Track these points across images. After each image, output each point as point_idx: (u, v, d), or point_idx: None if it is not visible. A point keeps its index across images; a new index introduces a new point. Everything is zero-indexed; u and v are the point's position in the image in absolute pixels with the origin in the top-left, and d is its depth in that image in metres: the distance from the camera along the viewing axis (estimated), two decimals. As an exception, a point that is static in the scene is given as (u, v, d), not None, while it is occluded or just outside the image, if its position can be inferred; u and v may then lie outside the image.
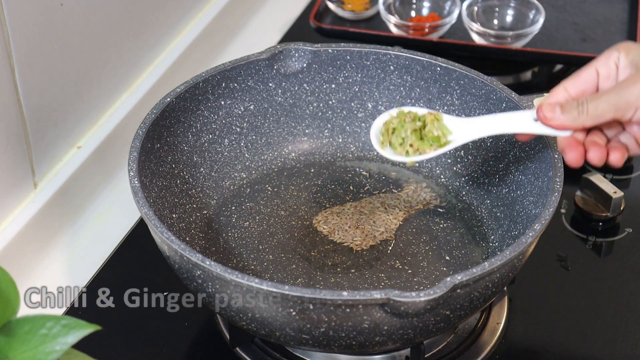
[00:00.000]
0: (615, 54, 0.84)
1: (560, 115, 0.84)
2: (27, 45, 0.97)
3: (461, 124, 0.91)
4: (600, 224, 1.08)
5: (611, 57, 0.84)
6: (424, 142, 0.90)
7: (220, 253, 0.97)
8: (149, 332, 0.96)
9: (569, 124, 0.84)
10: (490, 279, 0.81)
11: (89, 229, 1.09)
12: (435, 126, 0.90)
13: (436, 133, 0.89)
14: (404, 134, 0.90)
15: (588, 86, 0.85)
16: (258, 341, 0.94)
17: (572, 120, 0.83)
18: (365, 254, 0.98)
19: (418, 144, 0.90)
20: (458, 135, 0.90)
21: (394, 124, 0.91)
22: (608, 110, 0.82)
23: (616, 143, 0.86)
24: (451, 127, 0.90)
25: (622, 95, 0.81)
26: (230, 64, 1.03)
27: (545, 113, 0.85)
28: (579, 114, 0.83)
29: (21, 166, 1.02)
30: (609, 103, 0.81)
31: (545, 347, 0.96)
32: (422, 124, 0.90)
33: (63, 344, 0.64)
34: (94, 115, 1.13)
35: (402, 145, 0.90)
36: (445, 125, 0.90)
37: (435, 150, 0.89)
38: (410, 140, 0.90)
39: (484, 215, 1.01)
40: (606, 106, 0.81)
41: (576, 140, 0.85)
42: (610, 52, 0.84)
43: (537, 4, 1.31)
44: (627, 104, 0.81)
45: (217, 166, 1.04)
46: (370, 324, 0.78)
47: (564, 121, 0.84)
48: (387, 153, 0.91)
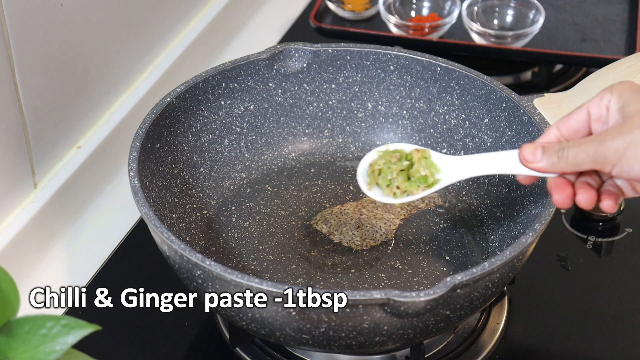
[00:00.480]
0: (607, 97, 0.79)
1: (540, 159, 0.81)
2: (27, 45, 0.97)
3: (449, 161, 0.88)
4: (600, 224, 1.08)
5: (603, 100, 0.80)
6: (411, 183, 0.87)
7: (220, 253, 0.97)
8: (149, 332, 0.96)
9: (548, 168, 0.81)
10: (490, 279, 0.81)
11: (89, 229, 1.09)
12: (423, 164, 0.87)
13: (423, 173, 0.87)
14: (391, 176, 0.88)
15: (580, 126, 0.81)
16: (258, 341, 0.94)
17: (551, 165, 0.80)
18: (365, 254, 0.98)
19: (405, 185, 0.87)
20: (446, 174, 0.87)
21: (380, 165, 0.88)
22: (587, 162, 0.78)
23: (610, 187, 0.82)
24: (439, 164, 0.88)
25: (600, 150, 0.76)
26: (230, 64, 1.03)
27: (525, 155, 0.82)
28: (558, 159, 0.80)
29: (21, 166, 1.02)
30: (587, 154, 0.77)
31: (545, 347, 0.96)
32: (410, 163, 0.88)
33: (63, 344, 0.64)
34: (94, 115, 1.13)
35: (389, 186, 0.88)
36: (433, 162, 0.88)
37: (423, 190, 0.87)
38: (397, 182, 0.88)
39: (484, 215, 1.01)
40: (585, 157, 0.78)
41: (565, 181, 0.82)
42: (603, 94, 0.80)
43: (537, 4, 1.31)
44: (605, 159, 0.76)
45: (217, 166, 1.04)
46: (370, 324, 0.78)
47: (544, 165, 0.81)
48: (374, 195, 0.88)
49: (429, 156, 0.88)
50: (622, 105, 0.78)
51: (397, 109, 1.07)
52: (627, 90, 0.79)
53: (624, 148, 0.75)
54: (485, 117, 1.01)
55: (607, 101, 0.79)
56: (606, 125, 0.80)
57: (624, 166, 0.76)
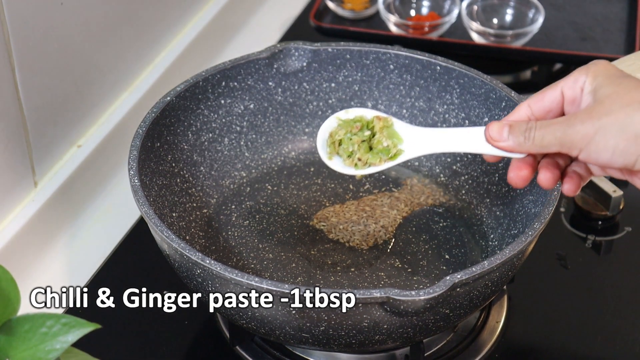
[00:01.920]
0: (582, 78, 0.77)
1: (506, 138, 0.78)
2: (27, 44, 0.97)
3: (413, 132, 0.85)
4: (599, 222, 1.08)
5: (578, 81, 0.78)
6: (373, 155, 0.84)
7: (220, 252, 0.98)
8: (149, 330, 0.96)
9: (514, 148, 0.78)
10: (490, 277, 0.81)
11: (89, 227, 1.09)
12: (385, 134, 0.84)
13: (385, 144, 0.84)
14: (352, 148, 0.85)
15: (553, 106, 0.79)
16: (258, 340, 0.94)
17: (517, 145, 0.78)
18: (365, 253, 0.98)
19: (367, 157, 0.84)
20: (409, 146, 0.84)
21: (340, 136, 0.85)
22: (553, 144, 0.76)
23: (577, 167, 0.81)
24: (402, 134, 0.84)
25: (568, 134, 0.74)
26: (230, 62, 1.03)
27: (491, 133, 0.79)
28: (525, 140, 0.77)
29: (21, 165, 1.02)
30: (555, 137, 0.75)
31: (545, 346, 0.96)
32: (371, 133, 0.85)
33: (63, 342, 0.64)
34: (94, 114, 1.13)
35: (350, 157, 0.85)
36: (396, 131, 0.84)
37: (386, 162, 0.84)
38: (359, 154, 0.84)
39: (483, 214, 1.01)
40: (552, 139, 0.76)
41: (525, 162, 0.80)
42: (578, 75, 0.78)
43: (537, 3, 1.31)
44: (572, 144, 0.74)
45: (217, 165, 1.04)
46: (370, 322, 0.79)
47: (510, 145, 0.78)
48: (335, 165, 0.86)
49: (391, 125, 0.85)
50: (594, 87, 0.76)
51: (396, 108, 1.07)
52: (602, 72, 0.77)
53: (593, 133, 0.73)
54: (485, 116, 1.01)
55: (582, 83, 0.77)
56: (579, 108, 0.78)
57: (592, 152, 0.74)
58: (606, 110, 0.73)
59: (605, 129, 0.73)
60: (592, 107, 0.75)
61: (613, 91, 0.74)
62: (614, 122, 0.73)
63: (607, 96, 0.74)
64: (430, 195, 1.04)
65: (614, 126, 0.73)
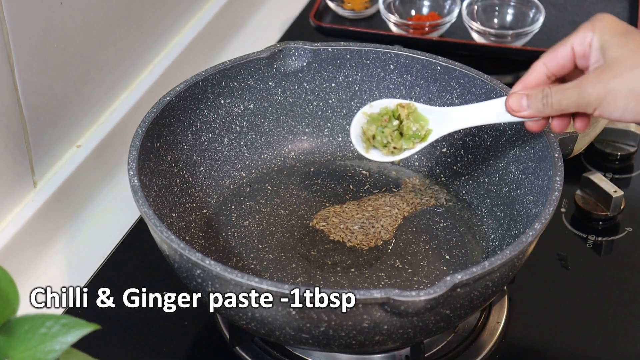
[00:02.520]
0: (589, 35, 0.84)
1: (526, 107, 0.86)
2: (27, 44, 0.97)
3: (438, 112, 0.92)
4: (600, 223, 1.08)
5: (586, 37, 0.84)
6: (406, 140, 0.92)
7: (220, 252, 0.97)
8: (149, 330, 0.96)
9: (535, 114, 0.86)
10: (490, 278, 0.81)
11: (89, 227, 1.09)
12: (412, 119, 0.91)
13: (414, 128, 0.91)
14: (386, 140, 0.92)
15: (566, 62, 0.86)
16: (258, 340, 0.94)
17: (537, 111, 0.86)
18: (365, 253, 0.97)
19: (400, 143, 0.92)
20: (436, 125, 0.92)
21: (372, 131, 0.93)
22: (571, 107, 0.83)
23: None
24: (428, 115, 0.92)
25: (582, 96, 0.82)
26: (230, 62, 1.03)
27: (512, 105, 0.87)
28: (544, 106, 0.85)
29: (21, 165, 1.02)
30: (571, 100, 0.83)
31: (545, 346, 0.96)
32: (399, 122, 0.92)
33: (63, 343, 0.64)
34: (93, 114, 1.13)
35: (386, 147, 0.92)
36: (421, 114, 0.92)
37: (420, 143, 0.91)
38: (393, 143, 0.92)
39: (483, 214, 1.01)
40: (569, 102, 0.83)
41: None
42: (585, 32, 0.85)
43: (537, 3, 1.31)
44: (587, 104, 0.82)
45: (216, 165, 1.04)
46: (370, 323, 0.78)
47: (530, 113, 0.86)
48: (374, 156, 0.94)
49: (415, 109, 0.92)
50: (602, 45, 0.83)
51: (397, 108, 1.07)
52: (608, 30, 0.84)
53: (604, 95, 0.81)
54: (485, 116, 1.01)
55: (590, 39, 0.84)
56: (589, 62, 0.84)
57: (604, 111, 0.82)
58: (614, 73, 0.81)
59: (615, 91, 0.80)
60: (601, 69, 0.82)
61: (620, 54, 0.81)
62: (622, 85, 0.80)
63: (614, 60, 0.81)
64: (430, 196, 1.04)
65: (622, 88, 0.80)
